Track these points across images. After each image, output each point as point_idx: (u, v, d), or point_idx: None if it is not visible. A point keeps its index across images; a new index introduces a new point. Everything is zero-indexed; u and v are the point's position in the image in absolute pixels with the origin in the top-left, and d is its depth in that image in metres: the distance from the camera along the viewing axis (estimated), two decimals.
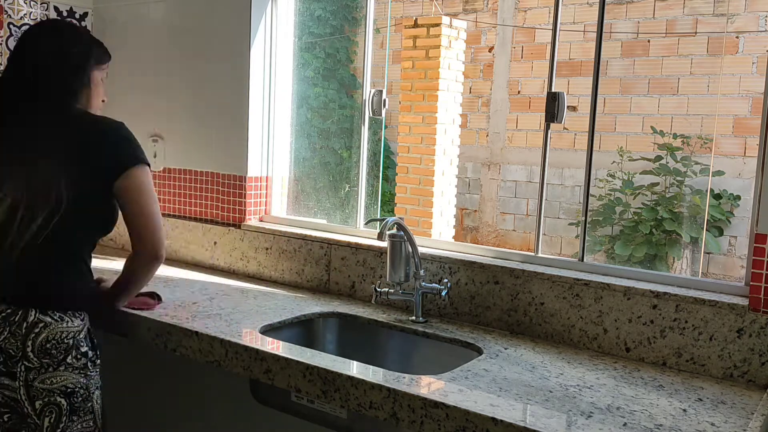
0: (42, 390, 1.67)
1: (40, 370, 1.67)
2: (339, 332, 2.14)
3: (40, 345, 1.67)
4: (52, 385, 1.67)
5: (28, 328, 1.67)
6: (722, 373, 1.69)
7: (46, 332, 1.67)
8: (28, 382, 1.67)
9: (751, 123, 5.50)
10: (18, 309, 1.68)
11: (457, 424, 1.40)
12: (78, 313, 1.74)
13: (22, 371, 1.67)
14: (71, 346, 1.70)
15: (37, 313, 1.68)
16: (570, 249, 6.27)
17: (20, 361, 1.67)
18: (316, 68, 7.23)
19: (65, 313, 1.71)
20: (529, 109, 6.72)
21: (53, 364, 1.67)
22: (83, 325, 1.74)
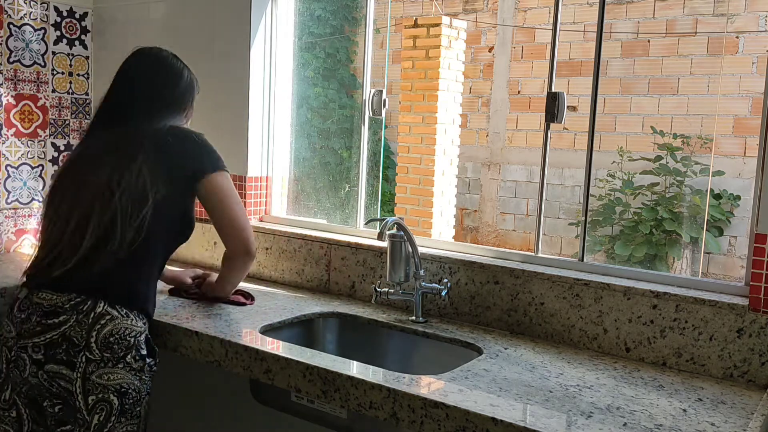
0: (98, 385, 1.66)
1: (99, 364, 1.67)
2: (339, 332, 2.14)
3: (104, 337, 1.67)
4: (109, 381, 1.67)
5: (94, 318, 1.67)
6: (722, 373, 1.69)
7: (111, 325, 1.68)
8: (86, 375, 1.66)
9: (751, 123, 5.50)
10: (87, 299, 1.69)
11: (457, 424, 1.40)
12: (141, 315, 1.76)
13: (82, 362, 1.66)
14: (132, 345, 1.70)
15: (105, 305, 1.69)
16: (570, 249, 6.27)
17: (82, 352, 1.66)
18: (316, 68, 7.23)
19: (131, 311, 1.73)
20: (529, 109, 6.72)
21: (113, 360, 1.67)
22: (145, 328, 1.76)
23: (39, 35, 2.81)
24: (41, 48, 2.83)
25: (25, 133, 2.81)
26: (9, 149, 2.76)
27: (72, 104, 2.95)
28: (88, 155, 1.87)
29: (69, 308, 1.68)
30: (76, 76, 2.96)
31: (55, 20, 2.86)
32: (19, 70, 2.77)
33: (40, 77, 2.83)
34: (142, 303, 1.77)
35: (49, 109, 2.88)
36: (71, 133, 2.96)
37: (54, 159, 2.91)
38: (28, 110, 2.81)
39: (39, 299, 1.70)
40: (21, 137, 2.80)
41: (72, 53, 2.93)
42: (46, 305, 1.69)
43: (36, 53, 2.81)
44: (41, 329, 1.68)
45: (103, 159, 1.81)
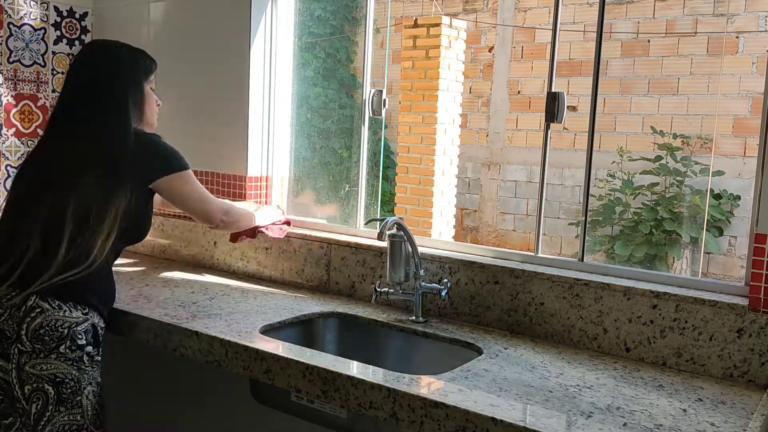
0: (32, 375, 1.70)
1: (31, 355, 1.70)
2: (339, 332, 2.14)
3: (33, 330, 1.70)
4: (42, 371, 1.70)
5: (25, 312, 1.71)
6: (722, 373, 1.69)
7: (41, 318, 1.71)
8: (20, 366, 1.71)
9: (751, 123, 5.50)
10: (21, 292, 1.73)
11: (457, 424, 1.40)
12: (81, 305, 1.77)
13: (15, 354, 1.71)
14: (65, 335, 1.72)
15: (36, 298, 1.72)
16: (570, 249, 6.27)
17: (14, 344, 1.72)
18: (316, 68, 7.23)
19: (65, 303, 1.74)
20: (529, 109, 6.72)
21: (45, 351, 1.70)
22: (84, 318, 1.77)
23: (39, 35, 2.81)
24: (41, 48, 2.83)
25: (25, 133, 2.81)
26: (9, 149, 2.76)
27: None
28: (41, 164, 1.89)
29: (4, 301, 1.74)
30: None
31: (55, 20, 2.86)
32: (19, 70, 2.77)
33: (40, 77, 2.83)
34: (80, 294, 1.77)
35: (49, 109, 2.88)
36: None
37: None
38: (28, 110, 2.81)
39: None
40: (21, 137, 2.80)
41: (72, 53, 2.93)
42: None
43: (36, 53, 2.81)
44: None
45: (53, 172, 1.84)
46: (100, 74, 1.90)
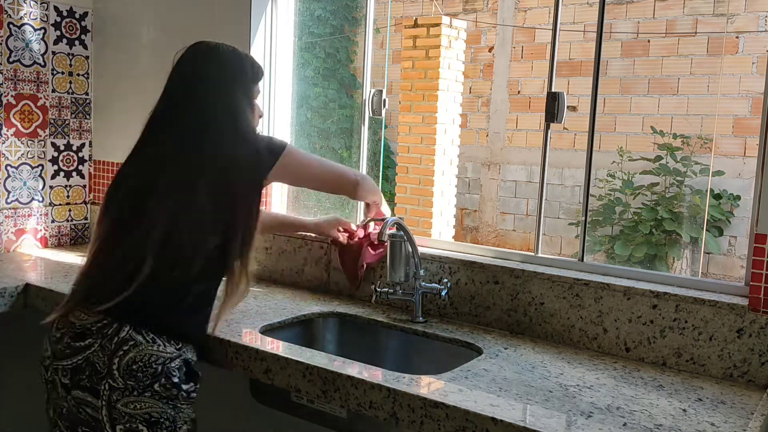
0: (124, 414, 1.55)
1: (124, 392, 1.55)
2: (339, 332, 2.14)
3: (126, 365, 1.55)
4: (136, 410, 1.56)
5: (117, 344, 1.56)
6: (722, 373, 1.69)
7: (134, 352, 1.56)
8: (111, 403, 1.56)
9: (751, 123, 5.50)
10: (113, 321, 1.58)
11: (457, 424, 1.40)
12: (175, 340, 1.62)
13: (106, 390, 1.56)
14: (159, 372, 1.57)
15: (130, 329, 1.58)
16: (570, 249, 6.27)
17: (105, 379, 1.56)
18: (316, 68, 7.23)
19: (159, 336, 1.60)
20: (529, 109, 6.72)
21: (138, 389, 1.56)
22: (178, 354, 1.62)
23: (39, 35, 2.81)
24: (41, 48, 2.83)
25: (25, 133, 2.81)
26: (9, 149, 2.76)
27: (72, 104, 2.95)
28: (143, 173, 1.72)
29: (95, 331, 1.59)
30: (76, 75, 2.96)
31: (55, 20, 2.86)
32: (19, 69, 2.77)
33: (40, 77, 2.83)
34: (175, 327, 1.63)
35: (49, 109, 2.88)
36: (71, 132, 2.97)
37: (54, 159, 2.91)
38: (28, 110, 2.81)
39: (74, 318, 1.62)
40: (21, 137, 2.80)
41: (72, 53, 2.93)
42: (78, 325, 1.61)
43: (36, 53, 2.81)
44: (69, 352, 1.60)
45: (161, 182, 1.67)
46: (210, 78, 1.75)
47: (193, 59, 1.79)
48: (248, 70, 1.81)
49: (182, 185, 1.65)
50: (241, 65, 1.80)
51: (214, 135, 1.70)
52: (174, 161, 1.69)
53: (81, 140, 3.00)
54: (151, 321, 1.61)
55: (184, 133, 1.71)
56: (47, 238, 2.92)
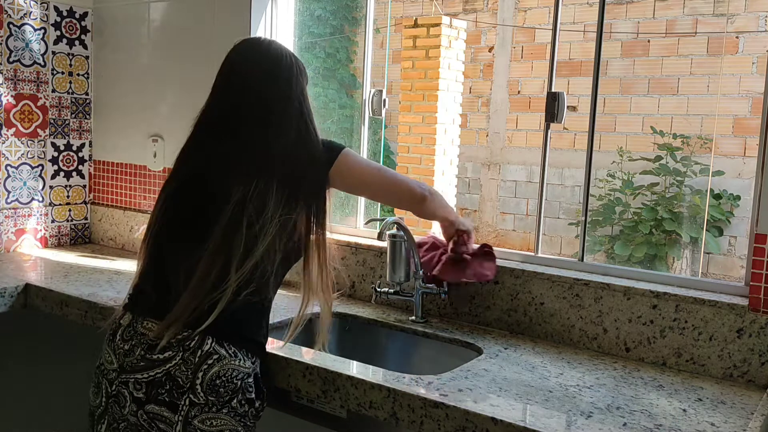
0: (199, 430, 1.49)
1: (203, 408, 1.49)
2: (339, 332, 2.14)
3: (210, 379, 1.49)
4: (212, 427, 1.50)
5: (201, 358, 1.49)
6: (722, 373, 1.69)
7: (218, 366, 1.50)
8: (188, 419, 1.49)
9: (751, 123, 5.50)
10: (194, 333, 1.50)
11: (457, 424, 1.40)
12: (250, 354, 1.57)
13: (186, 405, 1.49)
14: (239, 387, 1.52)
15: (213, 342, 1.50)
16: (570, 249, 6.27)
17: (186, 394, 1.49)
18: (316, 68, 7.23)
19: (240, 350, 1.54)
20: (529, 109, 6.72)
21: (218, 404, 1.50)
22: (253, 368, 1.57)
23: (39, 35, 2.81)
24: (41, 48, 2.83)
25: (25, 133, 2.81)
26: (9, 149, 2.76)
27: (72, 104, 2.95)
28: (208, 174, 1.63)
29: (175, 343, 1.51)
30: (76, 75, 2.96)
31: (55, 20, 2.86)
32: (19, 69, 2.77)
33: (40, 77, 2.83)
34: (252, 340, 1.58)
35: (49, 109, 2.88)
36: (71, 132, 2.97)
37: (54, 159, 2.91)
38: (28, 110, 2.81)
39: (144, 329, 1.54)
40: (21, 137, 2.80)
41: (72, 53, 2.93)
42: (152, 337, 1.52)
43: (36, 53, 2.81)
44: (145, 364, 1.52)
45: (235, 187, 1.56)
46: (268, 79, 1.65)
47: (248, 56, 1.69)
48: (302, 67, 1.73)
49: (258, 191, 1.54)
50: (297, 64, 1.71)
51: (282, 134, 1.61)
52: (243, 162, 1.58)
53: (81, 140, 3.00)
54: (231, 333, 1.54)
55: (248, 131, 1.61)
56: (47, 238, 2.92)
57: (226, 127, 1.64)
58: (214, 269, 1.50)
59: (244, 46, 1.71)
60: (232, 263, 1.50)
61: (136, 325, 1.56)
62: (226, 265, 1.50)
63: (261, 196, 1.53)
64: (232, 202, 1.53)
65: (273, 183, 1.55)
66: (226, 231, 1.52)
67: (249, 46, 1.71)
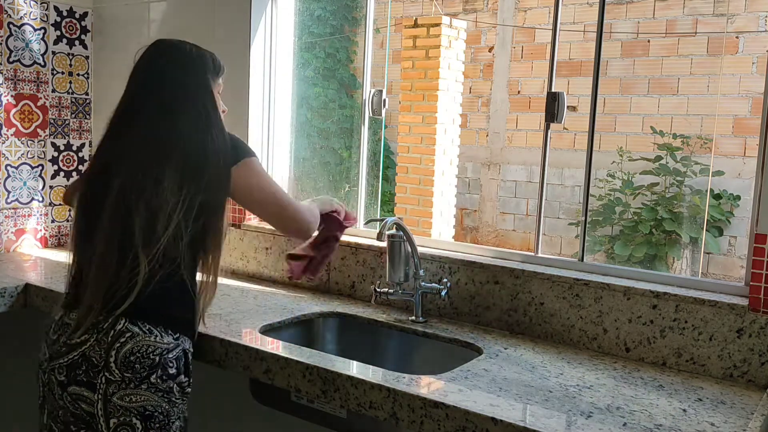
0: (119, 407, 1.55)
1: (120, 385, 1.55)
2: (339, 332, 2.14)
3: (124, 356, 1.55)
4: (131, 403, 1.55)
5: (114, 337, 1.56)
6: (722, 373, 1.69)
7: (131, 343, 1.56)
8: (106, 396, 1.56)
9: (751, 123, 5.50)
10: (108, 316, 1.58)
11: (457, 424, 1.40)
12: (171, 330, 1.62)
13: (102, 383, 1.56)
14: (157, 363, 1.57)
15: (125, 322, 1.57)
16: (570, 249, 6.27)
17: (102, 372, 1.56)
18: (316, 68, 7.23)
19: (156, 327, 1.59)
20: (529, 109, 6.71)
21: (135, 380, 1.55)
22: (176, 344, 1.62)
23: (39, 35, 2.81)
24: (41, 48, 2.83)
25: (25, 133, 2.81)
26: (9, 149, 2.76)
27: (72, 104, 2.95)
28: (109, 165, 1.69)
29: (90, 327, 1.58)
30: (76, 75, 2.96)
31: (55, 20, 2.86)
32: (19, 69, 2.77)
33: (40, 77, 2.83)
34: (170, 317, 1.63)
35: (49, 109, 2.88)
36: (71, 132, 2.97)
37: (54, 159, 2.91)
38: (28, 110, 2.81)
39: (69, 320, 1.63)
40: (21, 137, 2.80)
41: (72, 53, 2.93)
42: (73, 326, 1.61)
43: (36, 53, 2.81)
44: (65, 350, 1.60)
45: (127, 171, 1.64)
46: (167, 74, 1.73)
47: (153, 57, 1.78)
48: (209, 64, 1.78)
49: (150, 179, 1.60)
50: (202, 60, 1.77)
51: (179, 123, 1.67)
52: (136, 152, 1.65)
53: (81, 140, 3.00)
54: (146, 312, 1.59)
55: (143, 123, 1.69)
56: (47, 238, 2.92)
57: (126, 121, 1.72)
58: (112, 257, 1.58)
59: (150, 47, 1.81)
60: (133, 249, 1.57)
61: (64, 318, 1.66)
62: (124, 250, 1.57)
63: (154, 185, 1.59)
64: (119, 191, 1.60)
65: (166, 171, 1.60)
66: (114, 219, 1.59)
67: (153, 45, 1.81)
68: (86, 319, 1.59)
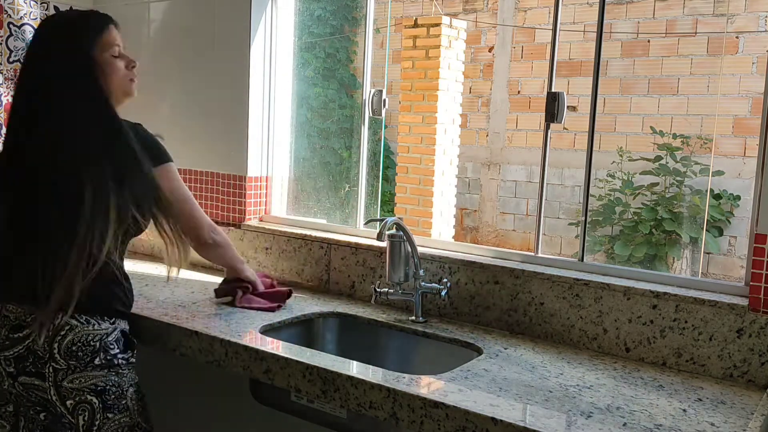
0: (71, 390, 1.66)
1: (67, 372, 1.65)
2: (339, 332, 2.14)
3: (66, 347, 1.65)
4: (81, 384, 1.66)
5: (54, 331, 1.65)
6: (722, 373, 1.69)
7: (72, 335, 1.65)
8: (57, 383, 1.66)
9: (751, 123, 5.50)
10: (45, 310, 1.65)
11: (457, 424, 1.40)
12: (107, 317, 1.72)
13: (51, 372, 1.66)
14: (98, 348, 1.68)
15: (63, 316, 1.65)
16: (570, 249, 6.27)
17: (48, 363, 1.66)
18: (316, 68, 7.23)
19: (92, 317, 1.69)
20: (529, 109, 6.72)
21: (80, 366, 1.66)
22: (113, 328, 1.72)
23: None
24: None
25: None
26: None
27: None
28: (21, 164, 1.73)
29: (31, 321, 1.66)
30: None
31: None
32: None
33: None
34: (104, 305, 1.72)
35: None
36: None
37: None
38: None
39: (7, 312, 1.70)
40: None
41: None
42: (12, 318, 1.69)
43: None
44: (9, 343, 1.68)
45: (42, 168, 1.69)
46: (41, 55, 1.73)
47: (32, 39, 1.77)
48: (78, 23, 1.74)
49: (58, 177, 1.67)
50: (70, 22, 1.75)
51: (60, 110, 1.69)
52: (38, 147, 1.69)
53: None
54: (82, 305, 1.66)
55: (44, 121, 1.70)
56: None
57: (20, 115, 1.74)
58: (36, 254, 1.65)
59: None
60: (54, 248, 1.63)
61: (1, 309, 1.70)
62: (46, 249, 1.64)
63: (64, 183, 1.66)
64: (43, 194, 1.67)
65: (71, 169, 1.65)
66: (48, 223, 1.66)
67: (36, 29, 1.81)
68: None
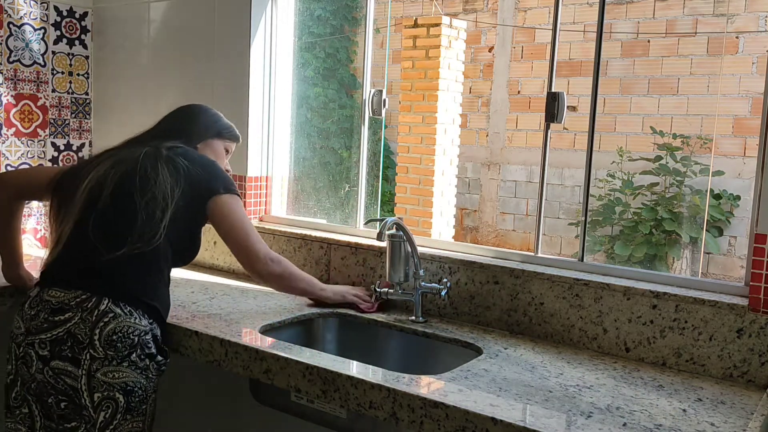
0: (103, 383, 1.67)
1: (104, 362, 1.67)
2: (339, 332, 2.14)
3: (107, 336, 1.67)
4: (114, 379, 1.68)
5: (98, 316, 1.68)
6: (722, 373, 1.69)
7: (114, 323, 1.68)
8: (90, 372, 1.67)
9: (751, 123, 5.50)
10: (92, 296, 1.70)
11: (457, 424, 1.40)
12: (147, 314, 1.75)
13: (87, 359, 1.67)
14: (136, 343, 1.70)
15: (109, 302, 1.70)
16: (570, 249, 6.27)
17: (86, 349, 1.67)
18: (316, 68, 7.23)
19: (136, 310, 1.73)
20: (529, 109, 6.72)
21: (117, 358, 1.68)
22: (150, 328, 1.75)
23: (39, 35, 2.81)
24: (41, 48, 2.83)
25: (25, 133, 2.81)
26: (9, 149, 2.76)
27: (72, 104, 2.95)
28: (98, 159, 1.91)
29: (74, 305, 1.70)
30: (75, 75, 2.96)
31: (55, 20, 2.86)
32: (19, 69, 2.77)
33: (40, 77, 2.83)
34: (147, 302, 1.76)
35: (48, 109, 2.88)
36: (71, 132, 2.97)
37: (54, 159, 2.91)
38: (28, 110, 2.81)
39: (49, 296, 1.73)
40: (21, 137, 2.80)
41: (72, 53, 2.93)
42: (54, 302, 1.72)
43: (36, 53, 2.81)
44: (48, 326, 1.70)
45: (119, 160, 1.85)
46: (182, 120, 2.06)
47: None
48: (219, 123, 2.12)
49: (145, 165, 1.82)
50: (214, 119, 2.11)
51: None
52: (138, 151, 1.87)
53: (81, 140, 3.00)
54: (128, 295, 1.73)
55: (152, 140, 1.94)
56: (47, 237, 2.92)
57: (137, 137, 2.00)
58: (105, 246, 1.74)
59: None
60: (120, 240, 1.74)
61: (42, 294, 1.75)
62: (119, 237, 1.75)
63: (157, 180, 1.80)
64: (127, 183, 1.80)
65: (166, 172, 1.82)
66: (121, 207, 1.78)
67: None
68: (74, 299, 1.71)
